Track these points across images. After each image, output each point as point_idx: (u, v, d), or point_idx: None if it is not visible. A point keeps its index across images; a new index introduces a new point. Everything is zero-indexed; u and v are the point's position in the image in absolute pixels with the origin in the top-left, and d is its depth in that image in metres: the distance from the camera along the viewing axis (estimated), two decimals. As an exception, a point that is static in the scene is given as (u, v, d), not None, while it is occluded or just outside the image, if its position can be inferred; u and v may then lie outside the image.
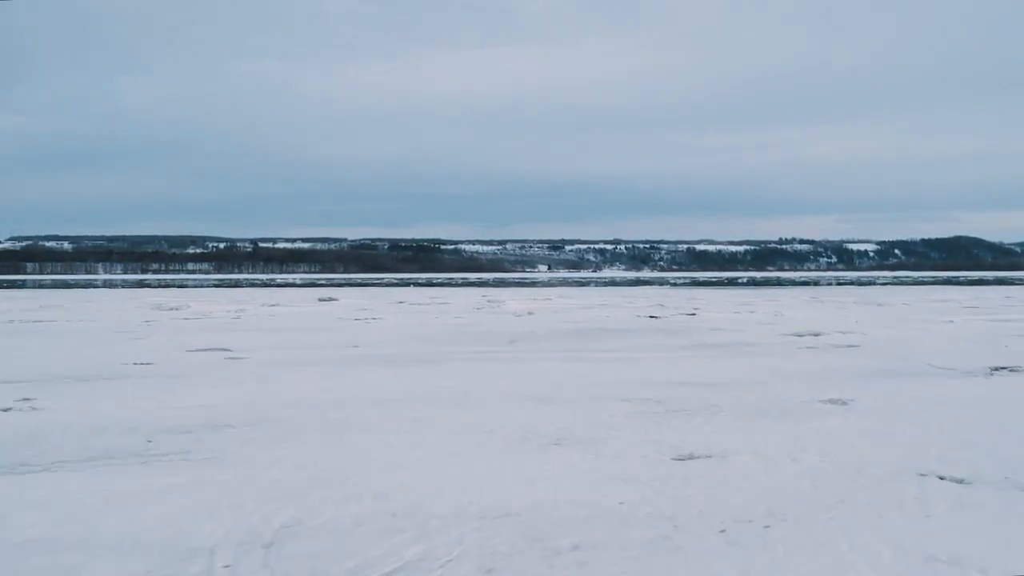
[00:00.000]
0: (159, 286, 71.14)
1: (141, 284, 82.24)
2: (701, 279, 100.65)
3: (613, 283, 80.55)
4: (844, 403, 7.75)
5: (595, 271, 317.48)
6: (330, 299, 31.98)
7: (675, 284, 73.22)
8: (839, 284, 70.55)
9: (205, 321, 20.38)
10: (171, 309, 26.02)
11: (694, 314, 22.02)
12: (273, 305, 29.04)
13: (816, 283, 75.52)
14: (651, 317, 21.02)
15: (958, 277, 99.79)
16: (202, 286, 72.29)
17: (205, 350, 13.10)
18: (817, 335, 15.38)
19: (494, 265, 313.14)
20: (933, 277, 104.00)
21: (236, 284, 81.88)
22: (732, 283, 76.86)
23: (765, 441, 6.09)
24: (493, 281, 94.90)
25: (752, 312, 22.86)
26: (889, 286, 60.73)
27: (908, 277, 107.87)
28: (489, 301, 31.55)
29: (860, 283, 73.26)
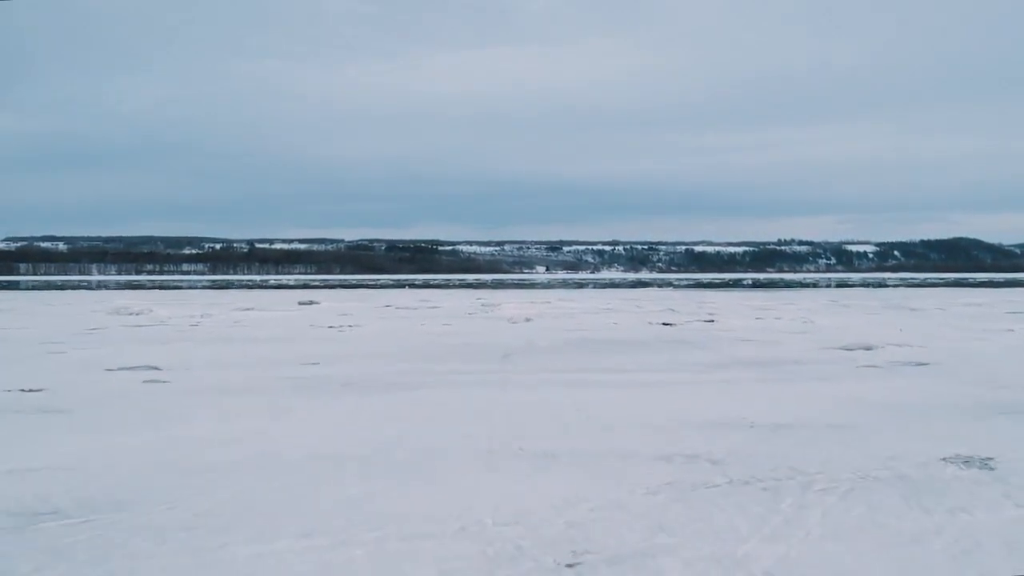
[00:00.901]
0: (143, 288, 68.58)
1: (130, 285, 79.62)
2: (705, 281, 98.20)
3: (614, 285, 78.06)
4: (987, 464, 5.28)
5: (593, 272, 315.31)
6: (311, 302, 29.50)
7: (678, 286, 70.69)
8: (849, 286, 68.11)
9: (155, 330, 17.87)
10: (131, 314, 23.52)
11: (712, 320, 19.54)
12: (246, 309, 26.54)
13: (828, 285, 73.08)
14: (665, 324, 18.54)
15: (967, 279, 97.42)
16: (190, 288, 69.73)
17: (128, 369, 10.62)
18: (869, 348, 12.90)
19: (492, 266, 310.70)
20: (941, 279, 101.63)
21: (225, 286, 79.32)
22: (737, 285, 74.39)
23: (924, 557, 3.60)
24: (490, 283, 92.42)
25: (777, 319, 20.37)
26: (902, 288, 58.29)
27: (915, 279, 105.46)
28: (483, 305, 29.06)
29: (871, 285, 70.79)
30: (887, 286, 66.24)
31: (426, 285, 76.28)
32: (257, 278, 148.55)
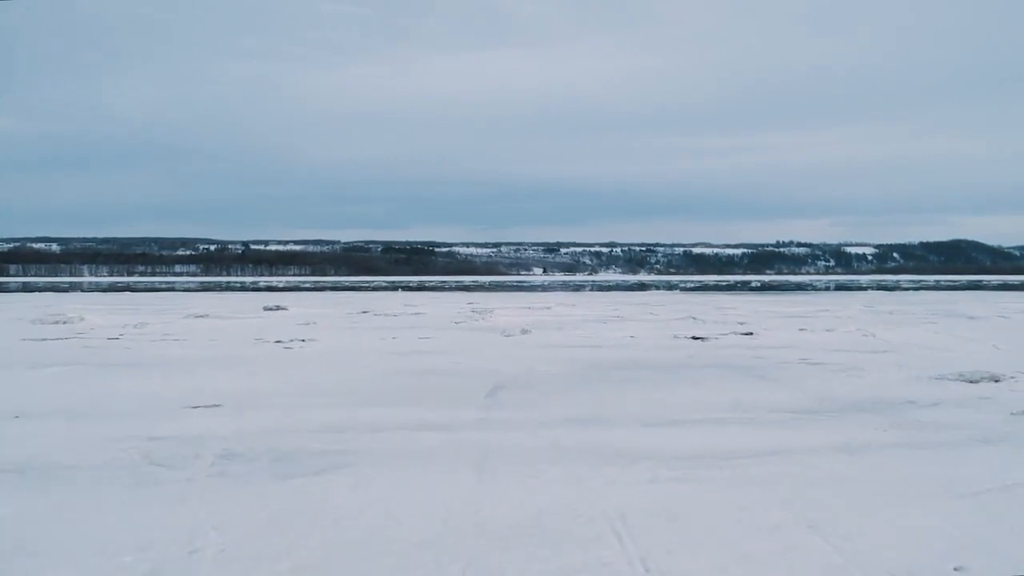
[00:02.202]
0: (118, 290, 64.80)
1: (107, 288, 75.71)
2: (710, 283, 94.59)
3: (617, 287, 74.37)
4: None
5: (591, 274, 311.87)
6: (278, 308, 25.83)
7: (684, 288, 66.96)
8: (862, 289, 64.56)
9: (55, 345, 14.19)
10: (56, 322, 19.86)
11: (751, 334, 15.92)
12: (199, 316, 22.87)
13: (842, 288, 69.51)
14: (695, 339, 14.92)
15: (981, 281, 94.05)
16: (169, 290, 65.89)
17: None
18: (997, 380, 9.31)
19: (488, 268, 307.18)
20: (953, 281, 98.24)
21: (209, 288, 75.51)
22: (746, 287, 70.79)
23: None
24: (487, 285, 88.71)
25: (828, 331, 16.74)
26: (922, 291, 54.73)
27: (925, 281, 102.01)
28: (474, 311, 25.42)
29: (888, 288, 67.26)
30: (900, 289, 62.70)
31: (418, 288, 72.64)
32: (247, 280, 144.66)
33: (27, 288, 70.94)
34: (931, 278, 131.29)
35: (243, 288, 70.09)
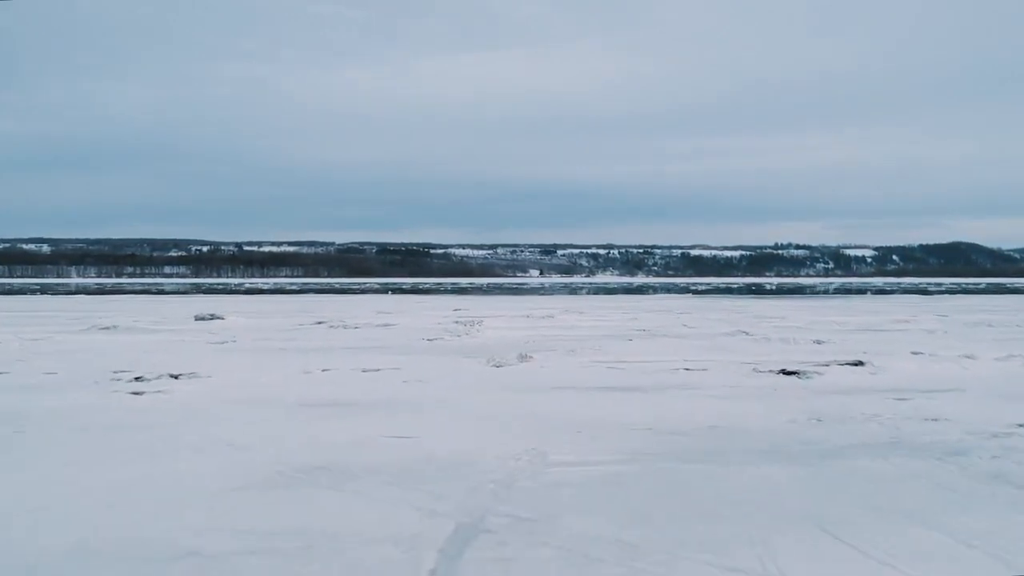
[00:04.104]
0: (86, 293, 59.53)
1: (73, 290, 70.42)
2: (721, 285, 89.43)
3: (624, 290, 69.19)
4: None
5: (588, 276, 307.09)
6: (212, 317, 20.58)
7: (696, 291, 61.73)
8: (889, 292, 59.50)
9: None
10: None
11: (861, 364, 10.73)
12: (103, 329, 17.67)
13: (864, 291, 64.40)
14: (784, 373, 9.76)
15: (1001, 284, 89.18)
16: (141, 293, 60.56)
17: None
18: None
19: (484, 270, 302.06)
20: (973, 284, 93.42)
21: (185, 291, 70.17)
22: (762, 290, 65.69)
23: None
24: (485, 287, 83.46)
25: (968, 358, 11.53)
26: (960, 295, 49.64)
27: (940, 284, 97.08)
28: (458, 321, 20.25)
29: (910, 291, 62.22)
30: (929, 292, 57.64)
31: (407, 290, 67.43)
32: (233, 281, 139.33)
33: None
34: (946, 281, 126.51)
35: (211, 291, 64.76)
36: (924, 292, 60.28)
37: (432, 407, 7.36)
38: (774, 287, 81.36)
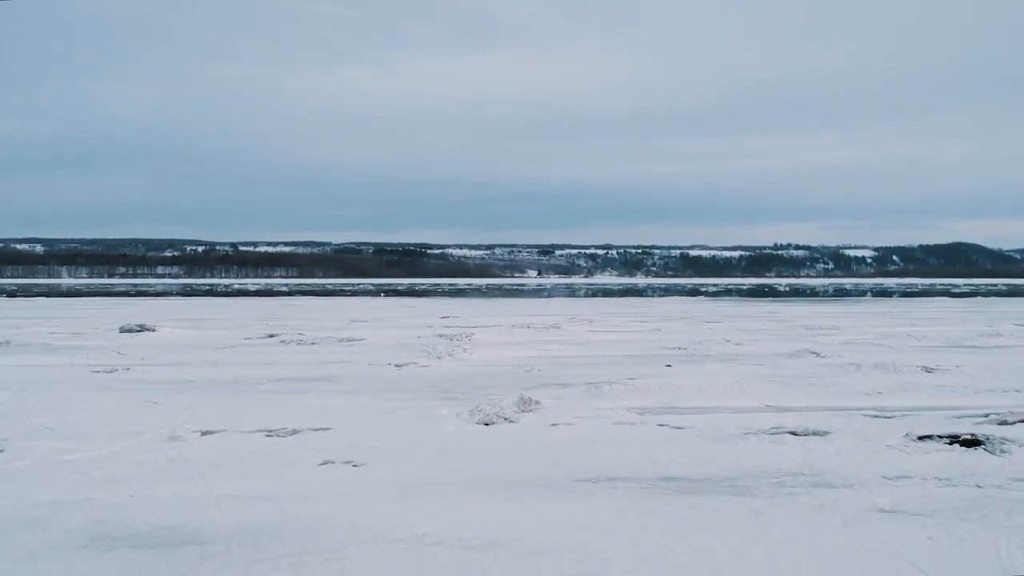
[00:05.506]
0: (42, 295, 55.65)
1: (71, 291, 66.41)
2: (731, 287, 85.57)
3: (629, 293, 65.36)
4: None
5: (586, 276, 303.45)
6: (141, 329, 16.75)
7: (708, 293, 57.80)
8: (912, 295, 55.84)
9: None
10: None
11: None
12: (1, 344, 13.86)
13: (884, 293, 60.67)
14: (964, 444, 5.96)
15: (1017, 286, 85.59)
16: (120, 295, 56.67)
17: None
18: None
19: (481, 270, 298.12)
20: (984, 286, 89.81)
21: (158, 293, 66.26)
22: (775, 292, 61.91)
23: None
24: (484, 288, 79.59)
25: None
26: (981, 297, 45.92)
27: (956, 285, 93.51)
28: (443, 335, 16.42)
29: (928, 293, 58.53)
30: (955, 295, 53.93)
31: (400, 292, 63.62)
32: (222, 282, 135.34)
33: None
34: (959, 282, 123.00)
35: (187, 293, 60.86)
36: (948, 294, 56.63)
37: (345, 548, 3.57)
38: (786, 288, 77.61)
